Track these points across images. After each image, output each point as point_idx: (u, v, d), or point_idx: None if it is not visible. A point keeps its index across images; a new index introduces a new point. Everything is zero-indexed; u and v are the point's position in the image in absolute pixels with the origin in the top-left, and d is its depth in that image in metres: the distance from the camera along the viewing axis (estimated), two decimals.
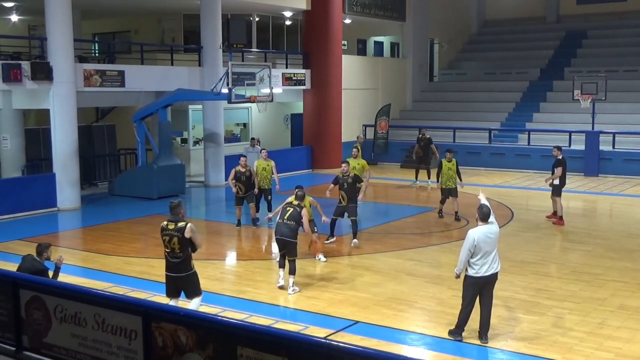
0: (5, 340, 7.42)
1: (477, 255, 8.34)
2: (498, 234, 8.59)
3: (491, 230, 8.47)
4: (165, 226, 8.67)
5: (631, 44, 30.12)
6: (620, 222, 15.92)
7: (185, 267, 8.70)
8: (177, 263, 8.65)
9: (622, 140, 23.62)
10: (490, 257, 8.42)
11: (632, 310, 9.82)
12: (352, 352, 5.35)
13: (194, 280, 8.84)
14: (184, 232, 8.54)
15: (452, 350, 8.45)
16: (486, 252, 8.36)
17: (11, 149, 19.34)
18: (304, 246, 12.09)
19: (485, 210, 8.51)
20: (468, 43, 35.80)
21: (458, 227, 15.25)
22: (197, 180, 22.63)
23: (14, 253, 12.59)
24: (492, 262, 8.44)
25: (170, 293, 8.90)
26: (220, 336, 5.87)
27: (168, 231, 8.61)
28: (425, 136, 21.79)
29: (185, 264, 8.68)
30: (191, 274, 8.79)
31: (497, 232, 8.57)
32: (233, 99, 19.04)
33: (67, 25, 17.37)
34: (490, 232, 8.43)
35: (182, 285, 8.79)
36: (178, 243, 8.56)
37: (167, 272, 8.81)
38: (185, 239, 8.56)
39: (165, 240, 8.64)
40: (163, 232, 8.66)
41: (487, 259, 8.38)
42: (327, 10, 24.85)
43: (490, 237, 8.41)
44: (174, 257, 8.65)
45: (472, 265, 8.41)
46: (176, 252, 8.61)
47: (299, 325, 9.23)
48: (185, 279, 8.73)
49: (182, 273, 8.70)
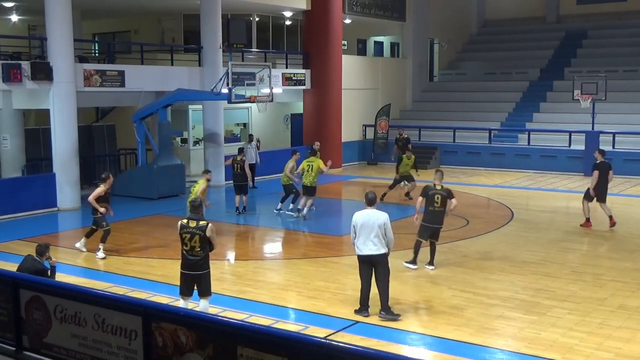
0: (5, 340, 7.42)
1: (359, 237, 9.36)
2: (381, 221, 9.34)
3: (371, 215, 9.39)
4: (185, 224, 8.70)
5: (631, 44, 30.11)
6: (620, 222, 15.90)
7: (202, 266, 8.79)
8: (195, 261, 8.72)
9: (622, 140, 23.62)
10: (370, 239, 9.28)
11: (632, 310, 9.82)
12: (352, 352, 5.35)
13: (208, 279, 8.93)
14: (206, 231, 8.59)
15: (452, 350, 8.45)
16: (367, 235, 9.30)
17: (11, 149, 19.33)
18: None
19: (370, 196, 9.60)
20: (468, 43, 35.80)
21: (458, 227, 15.25)
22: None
23: (14, 253, 12.60)
24: (373, 244, 9.29)
25: (184, 292, 8.95)
26: (220, 336, 5.87)
27: (189, 229, 8.64)
28: (403, 136, 21.94)
29: (203, 262, 8.77)
30: (207, 272, 8.90)
31: (379, 218, 9.37)
32: (233, 99, 19.05)
33: (67, 25, 17.37)
34: (370, 217, 9.37)
35: (197, 283, 8.85)
36: (199, 241, 8.62)
37: (184, 270, 8.86)
38: (206, 238, 8.64)
39: (185, 238, 8.68)
40: (183, 229, 8.69)
41: (367, 240, 9.29)
42: (327, 10, 24.84)
43: (369, 221, 9.31)
44: (193, 255, 8.70)
45: (356, 245, 9.42)
46: (196, 250, 8.66)
47: (299, 325, 9.23)
48: (201, 277, 8.82)
49: (199, 271, 8.79)
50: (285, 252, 14.13)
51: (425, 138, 26.80)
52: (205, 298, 8.94)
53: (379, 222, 9.34)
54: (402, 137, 22.02)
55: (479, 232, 14.87)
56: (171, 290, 10.57)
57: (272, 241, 15.33)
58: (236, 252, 14.23)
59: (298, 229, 15.80)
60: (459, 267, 12.17)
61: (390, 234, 9.43)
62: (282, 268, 12.74)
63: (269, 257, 13.81)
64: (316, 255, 13.17)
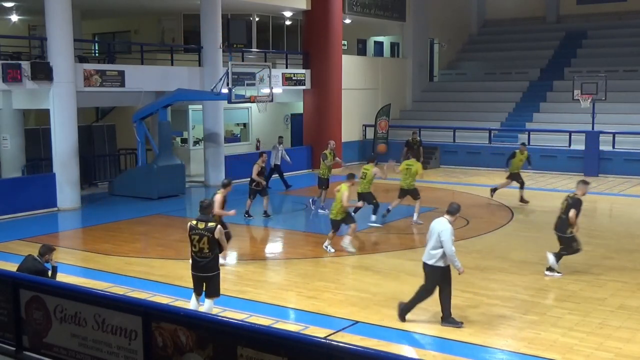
0: (5, 340, 7.42)
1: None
2: (434, 230, 9.14)
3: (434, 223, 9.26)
4: (194, 225, 8.70)
5: (631, 44, 30.10)
6: (620, 222, 15.91)
7: (212, 268, 8.80)
8: (205, 263, 8.73)
9: (622, 140, 23.61)
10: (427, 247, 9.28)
11: (632, 310, 9.82)
12: (352, 352, 5.36)
13: (217, 281, 8.93)
14: (214, 232, 8.60)
15: (452, 350, 8.45)
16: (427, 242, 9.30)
17: (11, 149, 19.33)
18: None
19: (452, 206, 9.37)
20: (468, 43, 35.79)
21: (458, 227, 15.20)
22: (197, 180, 22.63)
23: (14, 253, 12.59)
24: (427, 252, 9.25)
25: (197, 292, 9.01)
26: (220, 336, 5.87)
27: (198, 230, 8.65)
28: (417, 139, 21.54)
29: (212, 263, 8.78)
30: (217, 274, 8.90)
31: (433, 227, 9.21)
32: (233, 99, 19.05)
33: (67, 25, 17.36)
34: (433, 224, 9.27)
35: (206, 284, 8.87)
36: (208, 242, 8.62)
37: (194, 272, 8.89)
38: (215, 239, 8.64)
39: (194, 240, 8.68)
40: (192, 230, 8.70)
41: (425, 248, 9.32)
42: (327, 10, 24.84)
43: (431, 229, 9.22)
44: (202, 256, 8.71)
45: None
46: (205, 251, 8.67)
47: (299, 325, 9.23)
48: (211, 278, 8.83)
49: (208, 273, 8.80)
50: (285, 252, 14.14)
51: (425, 138, 26.72)
52: (212, 299, 8.95)
53: (431, 232, 9.19)
54: (415, 140, 21.24)
55: (479, 232, 14.86)
56: (171, 290, 10.58)
57: (272, 241, 15.33)
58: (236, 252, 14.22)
59: (298, 229, 15.79)
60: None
61: (444, 245, 9.03)
62: (282, 268, 12.74)
63: (269, 257, 13.80)
64: (316, 255, 13.16)
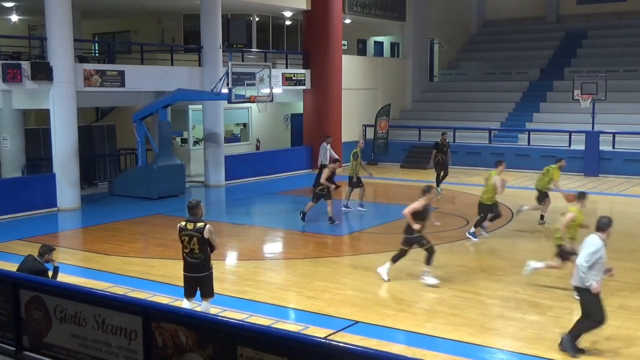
0: (5, 340, 7.43)
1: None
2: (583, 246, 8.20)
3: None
4: (183, 226, 8.69)
5: (631, 44, 30.11)
6: (620, 222, 15.86)
7: (204, 268, 8.77)
8: (196, 263, 8.70)
9: (622, 140, 23.61)
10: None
11: (632, 310, 9.82)
12: (352, 352, 5.36)
13: (210, 281, 8.91)
14: (203, 232, 8.58)
15: (452, 350, 8.44)
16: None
17: (11, 149, 19.32)
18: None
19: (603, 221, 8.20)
20: (468, 43, 35.79)
21: (458, 228, 15.25)
22: (197, 180, 22.62)
23: (14, 253, 12.59)
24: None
25: (188, 294, 8.96)
26: (220, 336, 5.87)
27: (187, 231, 8.63)
28: (446, 140, 20.36)
29: (204, 264, 8.75)
30: (209, 274, 8.87)
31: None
32: (233, 99, 19.04)
33: (67, 25, 17.36)
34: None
35: (200, 285, 8.85)
36: (198, 243, 8.60)
37: (186, 273, 8.87)
38: (205, 239, 8.61)
39: (184, 241, 8.68)
40: (182, 232, 8.69)
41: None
42: (327, 10, 24.84)
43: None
44: (193, 257, 8.69)
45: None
46: (195, 252, 8.65)
47: (299, 325, 9.23)
48: (203, 278, 8.81)
49: (201, 273, 8.77)
50: (285, 252, 14.14)
51: (425, 138, 26.74)
52: (208, 299, 8.94)
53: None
54: (445, 142, 20.09)
55: (479, 232, 14.85)
56: (171, 290, 10.57)
57: (272, 241, 15.33)
58: (236, 252, 14.23)
59: (298, 229, 15.78)
60: (459, 267, 12.17)
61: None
62: (282, 268, 12.73)
63: (269, 257, 13.80)
64: (316, 255, 13.16)
